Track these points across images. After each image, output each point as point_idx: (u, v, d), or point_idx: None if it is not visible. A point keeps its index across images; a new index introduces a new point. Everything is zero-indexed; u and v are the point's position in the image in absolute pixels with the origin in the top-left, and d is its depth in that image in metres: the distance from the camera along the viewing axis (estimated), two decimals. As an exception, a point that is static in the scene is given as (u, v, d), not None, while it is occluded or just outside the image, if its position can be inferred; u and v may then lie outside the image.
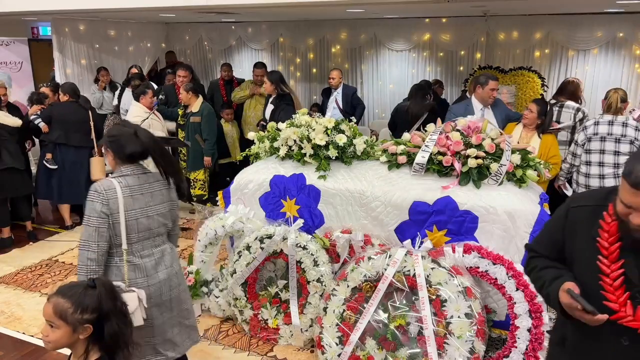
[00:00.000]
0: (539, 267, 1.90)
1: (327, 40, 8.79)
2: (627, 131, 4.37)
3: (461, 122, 3.58)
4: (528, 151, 3.57)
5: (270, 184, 3.83)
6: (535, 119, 4.55)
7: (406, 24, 8.04)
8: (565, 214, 1.83)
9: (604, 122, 4.45)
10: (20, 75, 8.30)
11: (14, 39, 8.30)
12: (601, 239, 1.67)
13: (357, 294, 3.33)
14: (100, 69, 7.84)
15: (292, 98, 5.61)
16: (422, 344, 3.13)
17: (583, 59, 7.24)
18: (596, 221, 1.70)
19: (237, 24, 9.32)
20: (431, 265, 3.16)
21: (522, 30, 7.37)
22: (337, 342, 3.29)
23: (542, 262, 1.90)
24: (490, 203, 3.22)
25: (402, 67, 8.42)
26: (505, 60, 7.67)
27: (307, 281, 3.57)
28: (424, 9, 6.82)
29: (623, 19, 6.75)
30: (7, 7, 6.44)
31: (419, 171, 3.47)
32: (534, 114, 4.54)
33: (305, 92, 9.28)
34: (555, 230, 1.86)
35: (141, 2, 5.80)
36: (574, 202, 1.85)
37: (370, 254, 3.33)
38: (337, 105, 6.76)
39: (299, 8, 6.23)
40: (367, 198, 3.52)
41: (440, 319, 3.09)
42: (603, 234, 1.67)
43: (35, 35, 9.36)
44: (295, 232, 3.61)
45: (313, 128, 3.77)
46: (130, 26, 8.86)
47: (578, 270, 1.77)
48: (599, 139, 4.44)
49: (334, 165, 3.76)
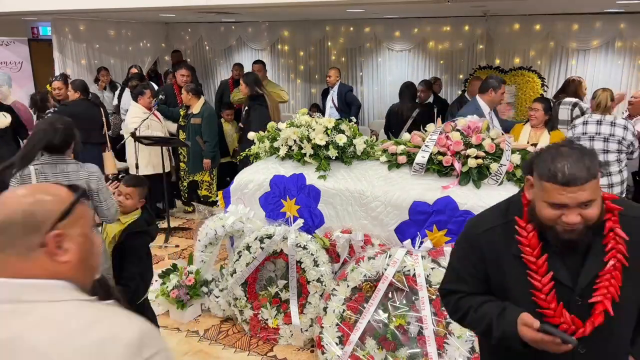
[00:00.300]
0: (474, 306, 1.72)
1: (327, 40, 8.79)
2: (615, 130, 4.39)
3: (461, 122, 3.58)
4: (528, 151, 3.57)
5: (270, 184, 3.83)
6: (543, 117, 4.57)
7: (406, 24, 8.04)
8: (476, 243, 1.73)
9: (592, 121, 4.47)
10: (20, 75, 8.30)
11: (14, 39, 8.30)
12: (525, 255, 1.61)
13: (357, 294, 3.33)
14: (100, 69, 7.84)
15: (266, 99, 5.61)
16: (422, 344, 3.14)
17: (583, 59, 7.25)
18: (510, 239, 1.65)
19: (237, 24, 9.32)
20: (431, 265, 3.16)
21: (522, 31, 7.37)
22: (337, 342, 3.29)
23: (475, 299, 1.73)
24: (490, 203, 3.19)
25: (402, 67, 8.42)
26: (505, 60, 7.67)
27: (307, 281, 3.57)
28: (424, 9, 6.82)
29: (623, 19, 6.76)
30: (7, 7, 6.44)
31: (419, 171, 3.47)
32: (541, 112, 4.55)
33: (305, 92, 9.28)
34: (474, 262, 1.74)
35: (141, 2, 5.80)
36: (476, 228, 1.76)
37: (370, 254, 3.33)
38: (333, 104, 6.81)
39: (299, 8, 6.24)
40: (367, 198, 3.52)
41: (440, 319, 3.10)
42: (525, 249, 1.62)
43: (35, 35, 9.36)
44: (295, 232, 3.61)
45: (313, 128, 3.77)
46: (130, 26, 8.86)
47: (512, 293, 1.67)
48: (587, 138, 4.46)
49: (334, 165, 3.76)
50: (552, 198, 1.52)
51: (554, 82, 7.44)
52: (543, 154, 1.58)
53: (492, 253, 1.70)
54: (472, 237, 1.76)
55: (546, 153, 1.57)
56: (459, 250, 1.82)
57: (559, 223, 1.54)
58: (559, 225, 1.54)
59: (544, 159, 1.55)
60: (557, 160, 1.52)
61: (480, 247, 1.72)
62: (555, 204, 1.52)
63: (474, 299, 1.74)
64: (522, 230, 1.63)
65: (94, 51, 8.34)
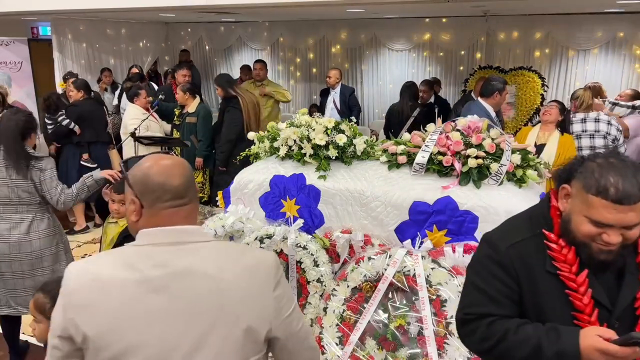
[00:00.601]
0: (512, 328, 1.50)
1: (327, 40, 8.79)
2: (599, 126, 4.47)
3: (461, 122, 3.58)
4: (528, 151, 3.57)
5: (270, 184, 3.83)
6: (557, 115, 4.53)
7: (406, 24, 8.04)
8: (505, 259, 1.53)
9: (577, 120, 4.56)
10: (20, 75, 8.29)
11: (14, 39, 8.30)
12: (563, 272, 1.46)
13: (357, 294, 3.33)
14: (103, 70, 7.84)
15: (239, 101, 5.53)
16: (422, 344, 3.13)
17: (583, 59, 7.25)
18: (541, 253, 1.49)
19: (237, 24, 9.32)
20: (431, 265, 3.16)
21: (522, 30, 7.38)
22: (337, 343, 3.29)
23: (510, 322, 1.52)
24: (490, 203, 3.22)
25: (402, 67, 8.42)
26: (505, 60, 7.67)
27: (307, 281, 3.57)
28: (424, 9, 6.82)
29: (623, 19, 6.76)
30: (7, 7, 6.44)
31: (419, 171, 3.47)
32: (556, 110, 4.53)
33: (305, 92, 9.29)
34: (505, 280, 1.53)
35: (141, 2, 5.80)
36: (502, 242, 1.56)
37: (370, 254, 3.33)
38: (334, 106, 6.74)
39: (299, 8, 6.24)
40: (367, 198, 3.52)
41: (440, 319, 3.09)
42: (562, 265, 1.46)
43: (35, 35, 9.35)
44: (295, 232, 3.61)
45: (313, 128, 3.77)
46: (130, 26, 8.86)
47: (549, 314, 1.50)
48: (574, 137, 4.52)
49: (334, 165, 3.76)
50: (598, 215, 1.37)
51: (554, 82, 7.44)
52: (588, 163, 1.41)
53: (525, 269, 1.52)
54: (500, 252, 1.55)
55: (592, 163, 1.40)
56: (484, 269, 1.58)
57: (596, 241, 1.40)
58: (596, 243, 1.41)
59: (591, 170, 1.39)
60: (609, 173, 1.35)
61: (511, 263, 1.52)
62: (599, 222, 1.37)
63: (509, 321, 1.52)
64: (555, 246, 1.48)
65: (94, 51, 8.34)
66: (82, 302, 1.27)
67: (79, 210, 5.97)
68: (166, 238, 1.34)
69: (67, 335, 1.27)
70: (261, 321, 1.35)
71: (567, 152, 4.44)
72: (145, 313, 1.27)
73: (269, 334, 1.37)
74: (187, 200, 1.39)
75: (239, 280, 1.35)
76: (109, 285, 1.28)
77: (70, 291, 1.30)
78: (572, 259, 1.45)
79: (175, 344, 1.28)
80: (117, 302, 1.27)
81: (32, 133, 3.39)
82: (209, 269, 1.33)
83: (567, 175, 1.46)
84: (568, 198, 1.46)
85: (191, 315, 1.29)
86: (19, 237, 3.27)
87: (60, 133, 5.76)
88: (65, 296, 1.30)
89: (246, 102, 5.56)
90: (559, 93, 7.43)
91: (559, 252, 1.47)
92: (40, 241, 3.34)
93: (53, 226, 3.45)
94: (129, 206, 1.40)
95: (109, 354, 1.25)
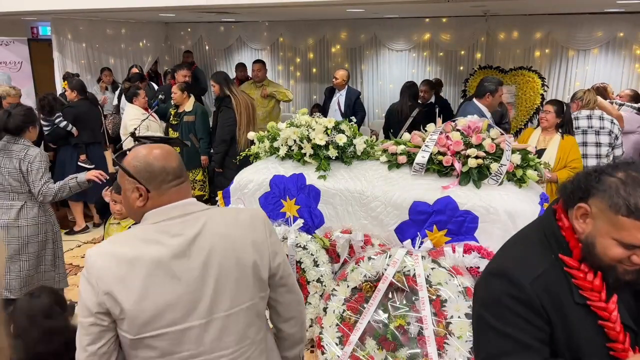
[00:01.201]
0: None
1: (327, 40, 8.79)
2: (604, 124, 4.54)
3: (461, 122, 3.57)
4: (528, 151, 3.57)
5: (270, 184, 3.82)
6: (554, 119, 4.40)
7: (406, 24, 8.05)
8: (531, 298, 1.35)
9: (582, 116, 4.60)
10: (20, 75, 8.30)
11: (14, 39, 8.30)
12: (593, 302, 1.34)
13: (357, 294, 3.32)
14: (103, 70, 7.83)
15: (232, 100, 5.47)
16: (422, 344, 3.13)
17: (583, 59, 7.25)
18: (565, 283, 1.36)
19: (237, 24, 9.32)
20: (431, 265, 3.15)
21: (522, 30, 7.38)
22: (337, 343, 3.29)
23: None
24: (490, 203, 3.22)
25: (402, 67, 8.43)
26: (505, 60, 7.68)
27: (307, 281, 3.57)
28: (424, 9, 6.82)
29: (623, 19, 6.76)
30: (7, 7, 6.44)
31: (419, 171, 3.47)
32: (552, 114, 4.40)
33: (305, 92, 9.29)
34: (536, 322, 1.35)
35: (141, 2, 5.80)
36: (522, 278, 1.36)
37: (370, 254, 3.32)
38: (338, 108, 6.61)
39: (299, 8, 6.24)
40: (367, 198, 3.51)
41: (440, 319, 3.09)
42: (591, 294, 1.34)
43: (35, 35, 9.36)
44: (295, 232, 3.61)
45: (313, 128, 3.77)
46: (130, 26, 8.86)
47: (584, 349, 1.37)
48: (580, 132, 4.57)
49: (334, 165, 3.76)
50: (631, 238, 1.25)
51: (554, 82, 7.44)
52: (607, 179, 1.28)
53: (552, 304, 1.35)
54: (524, 290, 1.36)
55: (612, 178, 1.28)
56: (507, 310, 1.37)
57: (624, 262, 1.30)
58: (622, 264, 1.31)
59: (615, 187, 1.27)
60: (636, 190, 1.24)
61: (539, 301, 1.35)
62: (631, 245, 1.26)
63: None
64: (578, 273, 1.34)
65: (94, 51, 8.33)
66: (114, 279, 1.44)
67: (77, 210, 5.97)
68: (177, 212, 1.57)
69: (104, 310, 1.45)
70: (264, 262, 1.63)
71: (568, 156, 4.38)
72: (172, 278, 1.48)
73: (271, 272, 1.66)
74: (184, 179, 1.63)
75: (244, 232, 1.62)
76: (135, 260, 1.47)
77: (98, 271, 1.46)
78: (599, 285, 1.34)
79: (199, 296, 1.51)
80: (146, 272, 1.46)
81: (30, 126, 3.59)
82: (219, 229, 1.58)
83: (581, 193, 1.34)
84: (586, 218, 1.34)
85: (207, 267, 1.53)
86: (8, 222, 3.52)
87: (58, 135, 5.76)
88: (94, 277, 1.46)
89: (240, 103, 5.50)
90: (559, 93, 7.43)
91: (583, 279, 1.34)
92: (28, 228, 3.57)
93: (44, 215, 3.66)
94: (131, 195, 1.57)
95: (144, 317, 1.45)
